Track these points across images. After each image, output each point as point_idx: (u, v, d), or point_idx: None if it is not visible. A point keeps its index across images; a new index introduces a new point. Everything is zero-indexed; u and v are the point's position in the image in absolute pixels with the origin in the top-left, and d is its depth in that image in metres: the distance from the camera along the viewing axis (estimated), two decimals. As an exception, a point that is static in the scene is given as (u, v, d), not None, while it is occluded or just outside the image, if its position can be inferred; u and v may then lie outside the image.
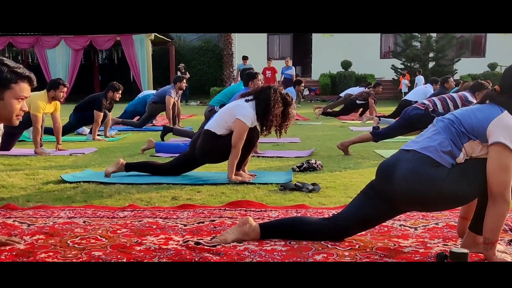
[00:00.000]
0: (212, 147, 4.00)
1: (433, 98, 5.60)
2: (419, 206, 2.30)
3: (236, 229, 2.43)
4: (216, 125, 4.02)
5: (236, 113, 3.92)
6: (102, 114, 7.11)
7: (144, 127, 8.80)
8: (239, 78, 14.44)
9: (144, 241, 2.44)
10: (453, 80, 9.73)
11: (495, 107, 2.16)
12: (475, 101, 5.09)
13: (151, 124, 9.35)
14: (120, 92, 7.31)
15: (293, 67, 16.21)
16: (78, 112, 7.30)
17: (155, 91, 9.82)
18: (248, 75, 5.54)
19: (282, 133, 4.11)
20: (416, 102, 6.93)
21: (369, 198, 2.36)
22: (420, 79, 17.60)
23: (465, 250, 1.85)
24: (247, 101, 3.97)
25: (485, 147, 2.13)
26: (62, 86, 5.69)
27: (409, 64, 21.00)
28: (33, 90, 2.30)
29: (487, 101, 2.23)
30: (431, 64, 21.22)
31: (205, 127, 4.12)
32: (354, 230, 2.42)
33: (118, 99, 7.36)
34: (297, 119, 10.69)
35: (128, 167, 4.14)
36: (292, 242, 2.39)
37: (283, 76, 15.39)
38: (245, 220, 2.46)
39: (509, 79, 2.19)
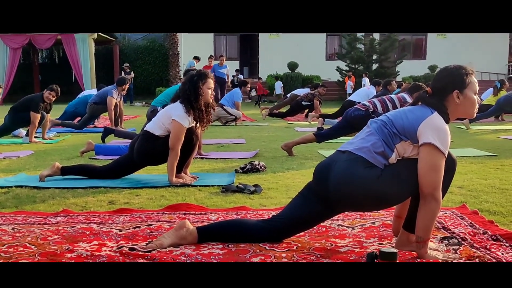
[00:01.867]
0: (149, 148, 3.91)
1: (373, 99, 5.72)
2: (353, 206, 2.32)
3: (173, 233, 2.37)
4: (154, 126, 3.94)
5: (171, 114, 3.85)
6: (39, 115, 6.83)
7: (84, 128, 8.54)
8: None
9: (75, 248, 2.34)
10: (396, 82, 10.01)
11: (426, 108, 2.21)
12: (413, 102, 5.23)
13: (92, 126, 9.08)
14: (54, 93, 6.99)
15: (227, 66, 15.72)
16: (13, 113, 6.99)
17: (96, 90, 9.56)
18: None
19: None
20: (359, 103, 7.06)
21: (306, 199, 2.37)
22: (366, 80, 18.03)
23: (394, 250, 1.88)
24: (181, 103, 3.91)
25: (416, 148, 2.17)
26: None
27: (353, 66, 21.47)
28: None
29: (419, 103, 2.28)
30: (374, 66, 21.79)
31: (144, 129, 4.03)
32: (292, 231, 2.42)
33: (50, 100, 7.05)
34: (243, 120, 10.69)
35: (64, 170, 3.99)
36: (230, 245, 2.36)
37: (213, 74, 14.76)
38: (182, 224, 2.40)
39: (439, 82, 2.25)
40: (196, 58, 14.78)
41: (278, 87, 18.53)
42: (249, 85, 10.97)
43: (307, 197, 2.37)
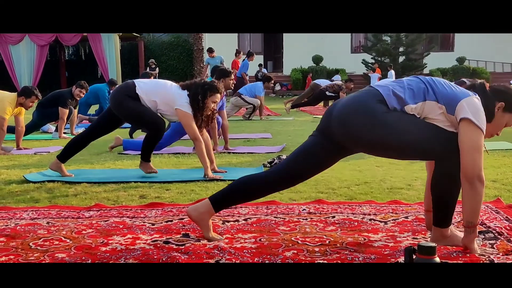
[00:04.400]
0: (126, 103, 3.83)
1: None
2: (352, 139, 2.18)
3: (199, 225, 2.40)
4: (150, 94, 3.85)
5: (175, 103, 3.82)
6: (68, 111, 6.94)
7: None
8: (208, 73, 14.21)
9: (110, 242, 2.37)
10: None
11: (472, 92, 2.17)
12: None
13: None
14: (84, 90, 7.17)
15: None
16: (41, 109, 7.11)
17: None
18: (221, 72, 5.37)
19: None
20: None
21: (315, 138, 2.30)
22: (391, 73, 17.77)
23: (433, 244, 1.84)
24: (183, 88, 3.89)
25: (443, 116, 2.11)
26: (34, 96, 5.62)
27: (379, 59, 21.22)
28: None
29: (470, 90, 2.22)
30: (401, 59, 21.50)
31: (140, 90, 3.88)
32: (305, 173, 2.33)
33: (79, 97, 7.21)
34: (268, 115, 10.66)
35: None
36: (262, 239, 2.37)
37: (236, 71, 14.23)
38: (190, 210, 2.41)
39: (501, 87, 2.25)
40: (210, 51, 14.64)
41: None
42: (273, 81, 10.89)
43: (315, 135, 2.31)
